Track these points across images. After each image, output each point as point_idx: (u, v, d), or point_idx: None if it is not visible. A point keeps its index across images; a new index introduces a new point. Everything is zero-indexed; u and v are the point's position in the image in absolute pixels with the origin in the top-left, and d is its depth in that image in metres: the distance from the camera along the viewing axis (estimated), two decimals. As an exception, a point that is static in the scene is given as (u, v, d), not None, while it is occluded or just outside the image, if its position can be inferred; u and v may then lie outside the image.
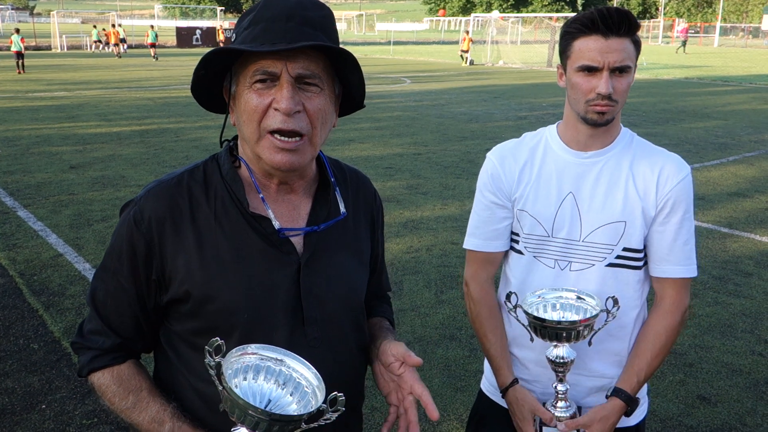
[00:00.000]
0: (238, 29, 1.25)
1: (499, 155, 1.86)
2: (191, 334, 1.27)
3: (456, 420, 3.44)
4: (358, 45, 52.83)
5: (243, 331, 1.23)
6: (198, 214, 1.26)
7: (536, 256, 1.81)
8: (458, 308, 4.73)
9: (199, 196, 1.28)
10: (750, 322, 4.62)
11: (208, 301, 1.23)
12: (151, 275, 1.26)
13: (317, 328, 1.29)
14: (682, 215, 1.73)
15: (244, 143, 1.29)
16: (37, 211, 6.94)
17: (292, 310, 1.27)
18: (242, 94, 1.22)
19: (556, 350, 1.65)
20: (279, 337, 1.24)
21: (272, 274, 1.26)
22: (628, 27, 1.63)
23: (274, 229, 1.26)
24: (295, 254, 1.28)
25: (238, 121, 1.26)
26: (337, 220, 1.34)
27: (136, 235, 1.25)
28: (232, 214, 1.27)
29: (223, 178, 1.29)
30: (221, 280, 1.23)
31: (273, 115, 1.19)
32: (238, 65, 1.23)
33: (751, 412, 3.56)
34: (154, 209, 1.25)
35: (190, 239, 1.24)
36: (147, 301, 1.28)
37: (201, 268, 1.23)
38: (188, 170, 1.32)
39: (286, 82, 1.18)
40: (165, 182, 1.30)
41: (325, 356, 1.27)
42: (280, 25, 1.17)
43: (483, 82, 23.00)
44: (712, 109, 16.27)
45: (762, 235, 6.56)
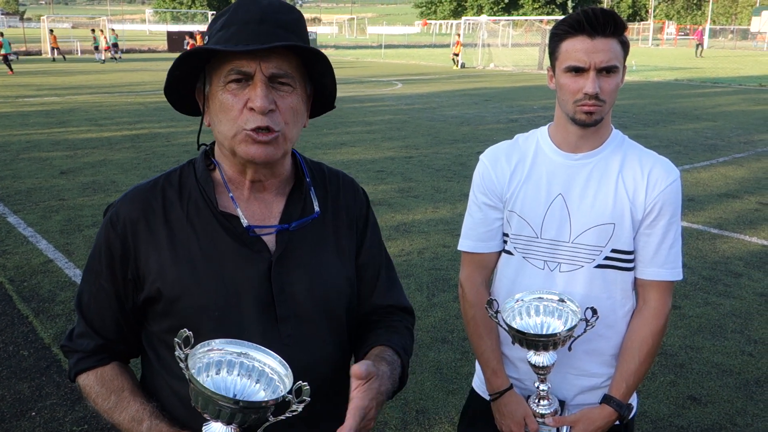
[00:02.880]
0: (211, 32, 1.26)
1: (491, 157, 1.88)
2: (166, 333, 1.28)
3: (448, 423, 3.44)
4: (350, 48, 52.87)
5: (214, 329, 1.23)
6: (171, 215, 1.29)
7: (525, 257, 1.82)
8: (450, 311, 4.74)
9: (172, 198, 1.31)
10: (740, 323, 4.65)
11: (179, 300, 1.25)
12: (127, 275, 1.29)
13: (290, 325, 1.29)
14: (669, 219, 1.75)
15: (218, 144, 1.31)
16: (27, 216, 6.91)
17: (264, 309, 1.27)
18: (216, 94, 1.24)
19: (537, 357, 1.66)
20: (251, 335, 1.23)
21: (243, 273, 1.27)
22: (614, 27, 1.64)
23: (243, 228, 1.28)
24: (266, 252, 1.29)
25: (212, 121, 1.28)
26: (310, 219, 1.34)
27: (112, 236, 1.29)
28: (204, 214, 1.30)
29: (197, 180, 1.33)
30: (191, 279, 1.26)
31: (248, 115, 1.21)
32: (212, 66, 1.25)
33: (741, 412, 3.58)
34: (129, 211, 1.29)
35: (162, 239, 1.28)
36: (125, 301, 1.31)
37: (172, 266, 1.26)
38: (165, 174, 1.36)
39: (260, 81, 1.20)
40: (141, 186, 1.34)
41: (300, 354, 1.27)
42: (253, 27, 1.20)
43: (474, 85, 23.05)
44: (702, 111, 16.36)
45: (751, 236, 6.59)
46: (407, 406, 3.58)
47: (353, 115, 14.93)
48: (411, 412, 3.54)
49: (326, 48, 52.19)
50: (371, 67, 31.69)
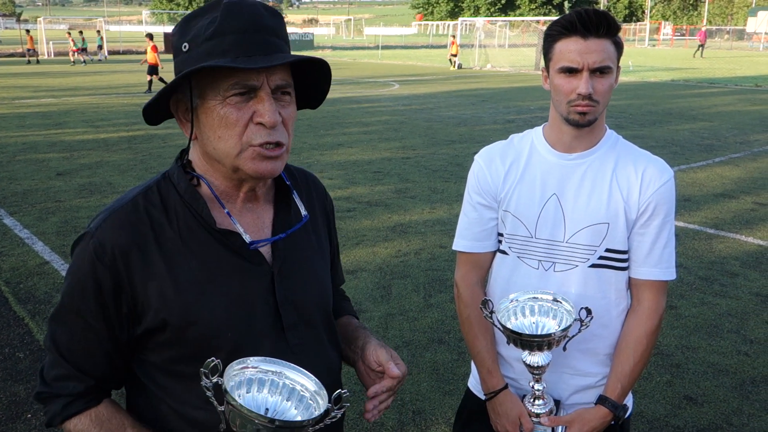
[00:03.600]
0: (194, 38, 1.17)
1: (485, 157, 1.88)
2: (171, 362, 1.23)
3: (444, 423, 3.44)
4: (347, 49, 52.90)
5: (228, 351, 1.19)
6: (162, 238, 1.21)
7: (520, 257, 1.83)
8: (446, 312, 4.74)
9: (159, 219, 1.22)
10: (736, 323, 4.66)
11: (189, 327, 1.19)
12: (122, 309, 1.20)
13: (297, 333, 1.29)
14: (662, 218, 1.75)
15: (208, 158, 1.24)
16: (23, 218, 6.90)
17: (271, 320, 1.26)
18: (214, 108, 1.17)
19: (532, 357, 1.66)
20: (264, 350, 1.21)
21: (248, 288, 1.24)
22: (607, 28, 1.64)
23: (243, 242, 1.23)
24: (265, 264, 1.27)
25: (205, 136, 1.20)
26: (301, 225, 1.32)
27: (100, 269, 1.18)
28: (198, 233, 1.23)
29: (181, 197, 1.24)
30: (200, 303, 1.20)
31: (256, 130, 1.16)
32: (204, 79, 1.17)
33: (737, 412, 3.58)
34: (116, 239, 1.18)
35: (159, 265, 1.19)
36: (119, 335, 1.22)
37: (176, 293, 1.19)
38: (140, 193, 1.25)
39: (266, 95, 1.16)
40: (119, 210, 1.23)
41: (307, 360, 1.26)
42: (250, 37, 1.15)
43: (471, 86, 23.07)
44: (698, 111, 16.39)
45: (747, 236, 6.61)
46: (404, 407, 3.58)
47: (350, 116, 14.93)
48: (407, 412, 3.54)
49: (323, 49, 52.22)
50: (368, 68, 31.71)
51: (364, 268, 5.61)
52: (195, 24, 1.18)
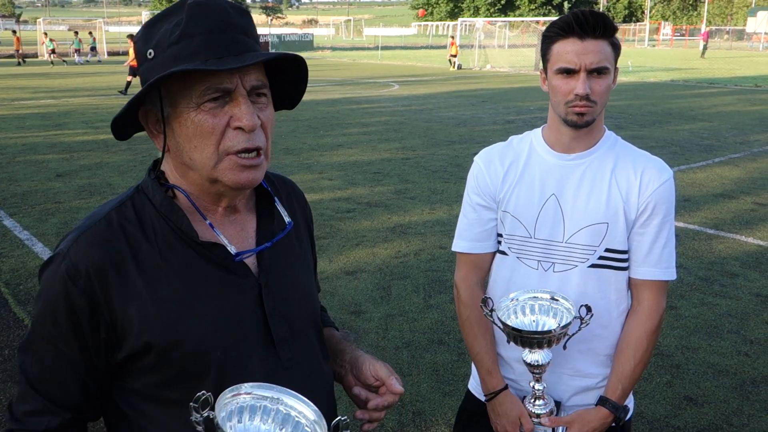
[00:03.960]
0: (159, 43, 1.10)
1: (485, 158, 1.89)
2: (156, 387, 1.14)
3: (444, 424, 3.44)
4: (347, 50, 52.93)
5: (218, 370, 1.13)
6: (140, 255, 1.13)
7: (519, 257, 1.83)
8: (446, 313, 4.74)
9: (135, 235, 1.14)
10: (736, 323, 4.66)
11: (174, 348, 1.11)
12: (99, 334, 1.11)
13: (288, 348, 1.22)
14: (662, 218, 1.75)
15: (184, 169, 1.16)
16: (23, 219, 6.90)
17: (261, 335, 1.19)
18: (187, 116, 1.09)
19: (532, 355, 1.66)
20: (253, 367, 1.16)
21: (235, 303, 1.17)
22: (604, 29, 1.65)
23: (227, 255, 1.16)
24: (252, 276, 1.20)
25: (179, 146, 1.13)
26: (286, 232, 1.25)
27: (74, 292, 1.09)
28: (178, 247, 1.15)
29: (157, 210, 1.16)
30: (185, 322, 1.12)
31: (234, 136, 1.09)
32: (175, 85, 1.09)
33: (738, 413, 3.58)
34: (90, 259, 1.10)
35: (138, 284, 1.11)
36: (97, 363, 1.13)
37: (159, 313, 1.11)
38: (114, 208, 1.17)
39: (242, 97, 1.09)
40: (92, 227, 1.13)
41: (300, 375, 1.22)
42: (218, 37, 1.08)
43: (471, 87, 23.08)
44: (698, 111, 16.40)
45: (747, 236, 6.61)
46: (404, 408, 3.58)
47: (350, 117, 14.94)
48: (407, 413, 3.54)
49: (323, 49, 52.24)
50: (368, 69, 31.72)
51: (364, 269, 5.61)
52: (159, 28, 1.11)
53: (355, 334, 4.42)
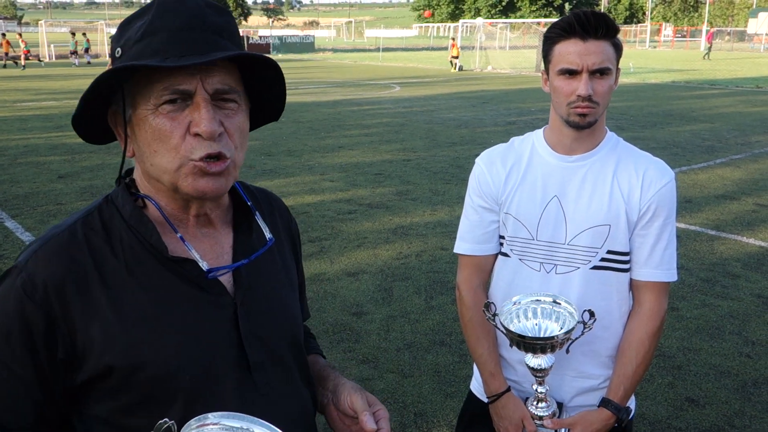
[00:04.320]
0: (124, 41, 1.04)
1: (487, 160, 1.88)
2: (119, 414, 1.04)
3: (446, 426, 3.44)
4: (348, 51, 52.96)
5: (186, 396, 1.04)
6: (105, 269, 1.04)
7: (522, 259, 1.83)
8: (448, 314, 4.74)
9: (101, 248, 1.05)
10: (738, 324, 4.65)
11: (138, 370, 1.02)
12: (56, 354, 1.01)
13: (265, 372, 1.13)
14: (663, 220, 1.75)
15: (148, 177, 1.09)
16: (24, 221, 6.91)
17: (235, 359, 1.10)
18: (146, 119, 1.02)
19: (535, 359, 1.66)
20: (226, 392, 1.08)
21: (208, 323, 1.08)
22: (606, 30, 1.65)
23: (200, 271, 1.07)
24: (227, 295, 1.11)
25: (141, 151, 1.05)
26: (266, 249, 1.16)
27: (29, 308, 1.00)
28: (147, 262, 1.06)
29: (125, 222, 1.08)
30: (150, 343, 1.03)
31: (193, 142, 1.01)
32: (136, 85, 1.02)
33: (739, 414, 3.58)
34: (49, 273, 1.01)
35: (101, 301, 1.02)
36: (53, 385, 1.03)
37: (122, 332, 1.02)
38: (80, 219, 1.09)
39: (203, 100, 1.00)
40: (54, 238, 1.05)
41: (278, 401, 1.14)
42: (185, 34, 1.00)
43: (472, 88, 23.09)
44: (699, 113, 16.39)
45: (749, 237, 6.60)
46: (406, 409, 3.58)
47: (351, 118, 14.94)
48: (409, 415, 3.54)
49: (324, 51, 52.27)
50: (369, 70, 31.74)
51: (365, 270, 5.61)
52: (130, 27, 1.05)
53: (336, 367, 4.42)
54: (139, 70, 1.01)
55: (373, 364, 4.06)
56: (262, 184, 8.54)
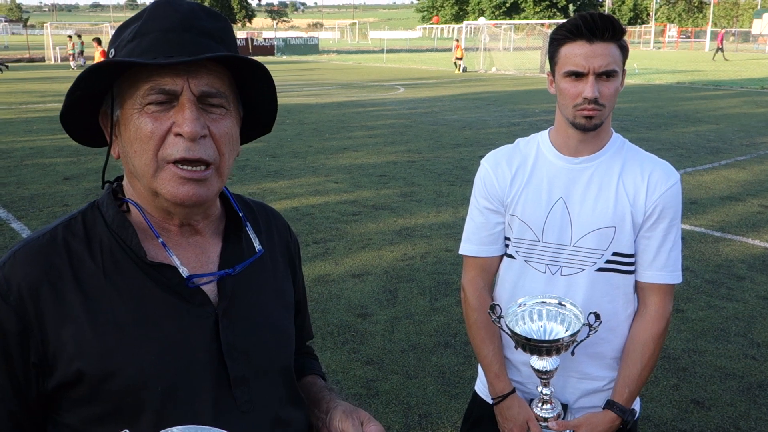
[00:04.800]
0: (118, 42, 1.04)
1: (492, 161, 1.89)
2: (90, 422, 1.02)
3: (451, 427, 3.44)
4: (352, 53, 52.99)
5: (157, 409, 1.01)
6: (82, 274, 1.02)
7: (527, 261, 1.83)
8: (453, 315, 4.74)
9: (80, 252, 1.04)
10: (743, 326, 4.64)
11: (108, 379, 0.99)
12: (29, 358, 0.99)
13: (246, 389, 1.08)
14: (669, 222, 1.76)
15: (133, 180, 1.07)
16: (30, 222, 6.93)
17: (214, 372, 1.06)
18: (131, 118, 1.01)
19: (540, 362, 1.66)
20: (202, 408, 1.03)
21: (185, 333, 1.04)
22: (612, 32, 1.65)
23: (180, 278, 1.04)
24: (209, 305, 1.08)
25: (125, 152, 1.04)
26: (254, 259, 1.13)
27: (3, 310, 0.99)
28: (126, 267, 1.04)
29: (108, 226, 1.07)
30: (122, 350, 1.00)
31: (174, 143, 0.99)
32: (124, 84, 1.02)
33: (745, 416, 3.57)
34: (24, 275, 1.00)
35: (75, 305, 1.00)
36: (27, 392, 1.01)
37: (94, 338, 0.99)
38: (62, 223, 1.08)
39: (188, 101, 0.99)
40: (33, 241, 1.05)
41: (260, 420, 1.09)
42: (175, 36, 1.00)
43: (476, 89, 23.08)
44: (704, 114, 16.35)
45: (754, 239, 6.59)
46: (410, 411, 3.59)
47: (355, 120, 14.95)
48: (414, 416, 3.54)
49: (328, 53, 52.31)
50: (373, 72, 31.75)
51: (370, 272, 5.62)
52: (126, 29, 1.05)
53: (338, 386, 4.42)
54: (126, 70, 1.01)
55: (377, 366, 4.06)
56: (266, 185, 8.57)
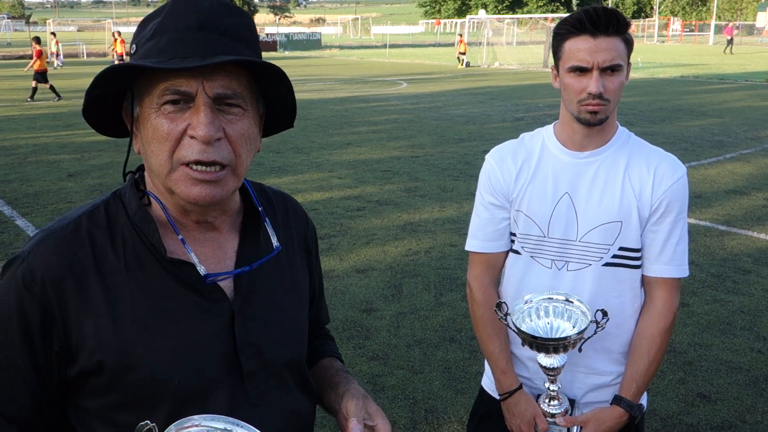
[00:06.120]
0: (139, 39, 1.05)
1: (497, 157, 1.88)
2: (110, 409, 1.05)
3: (457, 422, 3.44)
4: (355, 48, 52.91)
5: (174, 401, 1.04)
6: (105, 267, 1.04)
7: (533, 256, 1.82)
8: (458, 310, 4.74)
9: (103, 244, 1.06)
10: (749, 320, 4.63)
11: (128, 371, 1.02)
12: (52, 347, 1.02)
13: (258, 382, 1.11)
14: (675, 216, 1.75)
15: (152, 176, 1.09)
16: (35, 219, 6.95)
17: (229, 367, 1.09)
18: (148, 117, 1.02)
19: (548, 359, 1.66)
20: (217, 401, 1.07)
21: (202, 329, 1.07)
22: (617, 26, 1.64)
23: (199, 275, 1.06)
24: (225, 301, 1.10)
25: (143, 149, 1.06)
26: (270, 257, 1.14)
27: (27, 300, 1.01)
28: (147, 262, 1.06)
29: (130, 219, 1.08)
30: (142, 345, 1.03)
31: (189, 144, 1.00)
32: (142, 82, 1.03)
33: (751, 410, 3.57)
34: (48, 266, 1.02)
35: (98, 298, 1.02)
36: (48, 377, 1.04)
37: (115, 332, 1.02)
38: (86, 213, 1.09)
39: (203, 104, 0.99)
40: (58, 231, 1.06)
41: (270, 413, 1.12)
42: (191, 35, 1.00)
43: (479, 84, 23.03)
44: (709, 107, 16.30)
45: (760, 233, 6.57)
46: (416, 406, 3.59)
47: (359, 115, 14.94)
48: (420, 411, 3.55)
49: (331, 48, 52.24)
50: (376, 67, 31.71)
51: (375, 267, 5.62)
52: (148, 24, 1.05)
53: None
54: (143, 71, 1.01)
55: (383, 361, 4.06)
56: (270, 181, 8.56)
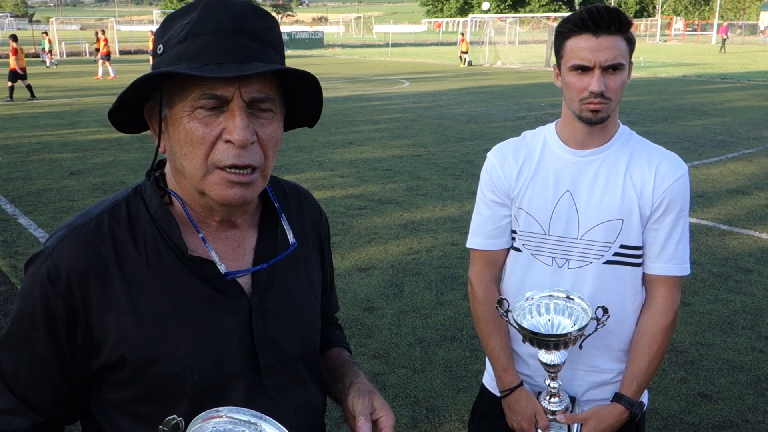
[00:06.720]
0: (169, 40, 1.05)
1: (499, 154, 1.88)
2: (129, 402, 1.09)
3: (458, 421, 3.45)
4: (357, 47, 52.90)
5: (193, 395, 1.07)
6: (126, 263, 1.07)
7: (534, 254, 1.83)
8: (459, 309, 4.75)
9: (125, 241, 1.08)
10: (750, 319, 4.63)
11: (149, 366, 1.05)
12: (76, 341, 1.06)
13: (275, 375, 1.15)
14: (676, 214, 1.75)
15: (178, 176, 1.10)
16: (37, 218, 6.96)
17: (246, 361, 1.12)
18: (181, 121, 1.03)
19: (548, 356, 1.66)
20: (235, 394, 1.10)
21: (221, 324, 1.10)
22: (619, 25, 1.64)
23: (218, 272, 1.09)
24: (244, 297, 1.13)
25: (172, 151, 1.07)
26: (288, 253, 1.17)
27: (52, 295, 1.04)
28: (168, 259, 1.09)
29: (151, 216, 1.11)
30: (163, 340, 1.06)
31: (224, 149, 1.02)
32: (174, 86, 1.04)
33: (753, 409, 3.57)
34: (73, 263, 1.04)
35: (120, 294, 1.05)
36: (72, 370, 1.08)
37: (137, 327, 1.05)
38: (107, 209, 1.11)
39: (238, 108, 1.01)
40: (81, 227, 1.08)
41: (286, 405, 1.15)
42: (226, 41, 1.00)
43: (481, 83, 23.02)
44: (711, 107, 16.28)
45: (761, 232, 6.57)
46: (417, 404, 3.59)
47: (361, 114, 14.94)
48: (421, 410, 3.55)
49: (333, 47, 52.24)
50: (378, 66, 31.70)
51: (376, 266, 5.63)
52: (174, 24, 1.06)
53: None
54: (179, 76, 1.02)
55: (384, 359, 4.07)
56: (272, 180, 8.57)
